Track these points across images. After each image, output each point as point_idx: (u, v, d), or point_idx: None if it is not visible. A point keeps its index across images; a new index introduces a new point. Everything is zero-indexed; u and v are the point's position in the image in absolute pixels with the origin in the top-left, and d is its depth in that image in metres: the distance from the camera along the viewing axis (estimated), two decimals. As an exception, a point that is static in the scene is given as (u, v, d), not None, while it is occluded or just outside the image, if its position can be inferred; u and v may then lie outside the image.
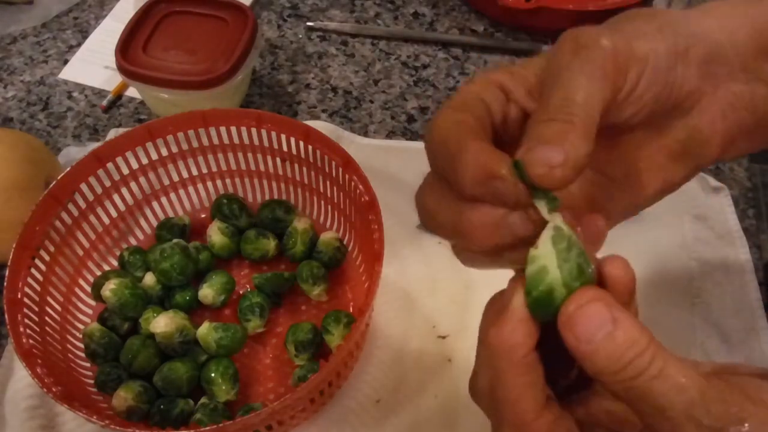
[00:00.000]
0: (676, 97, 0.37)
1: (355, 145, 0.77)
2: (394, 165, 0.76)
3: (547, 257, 0.32)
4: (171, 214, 0.72)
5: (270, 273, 0.66)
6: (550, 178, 0.30)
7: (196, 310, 0.66)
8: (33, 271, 0.59)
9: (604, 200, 0.40)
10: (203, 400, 0.60)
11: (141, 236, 0.71)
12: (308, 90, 0.86)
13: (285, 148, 0.67)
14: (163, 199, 0.71)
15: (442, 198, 0.36)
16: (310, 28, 0.92)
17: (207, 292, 0.64)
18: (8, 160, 0.67)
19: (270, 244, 0.68)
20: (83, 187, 0.64)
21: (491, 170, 0.32)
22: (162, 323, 0.60)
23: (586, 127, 0.31)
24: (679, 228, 0.71)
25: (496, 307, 0.35)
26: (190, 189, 0.72)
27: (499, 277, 0.71)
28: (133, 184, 0.68)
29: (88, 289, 0.66)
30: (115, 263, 0.68)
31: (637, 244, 0.66)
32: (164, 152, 0.67)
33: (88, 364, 0.62)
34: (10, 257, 0.57)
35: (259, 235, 0.67)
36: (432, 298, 0.67)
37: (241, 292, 0.68)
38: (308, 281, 0.65)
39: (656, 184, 0.39)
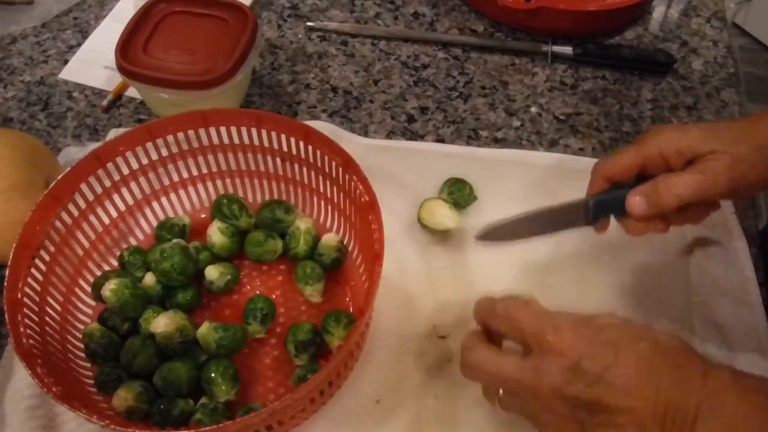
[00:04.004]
0: None
1: (355, 145, 0.77)
2: (394, 165, 0.76)
3: None
4: (171, 214, 0.72)
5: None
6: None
7: (196, 310, 0.66)
8: (33, 271, 0.59)
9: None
10: (203, 400, 0.60)
11: (141, 236, 0.71)
12: (308, 90, 0.86)
13: (285, 148, 0.67)
14: (163, 199, 0.71)
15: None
16: (310, 28, 0.92)
17: (212, 272, 0.65)
18: (8, 160, 0.67)
19: (278, 244, 0.68)
20: (83, 187, 0.64)
21: None
22: (162, 323, 0.60)
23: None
24: (679, 228, 0.71)
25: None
26: (190, 189, 0.72)
27: (499, 277, 0.71)
28: (133, 184, 0.68)
29: (88, 289, 0.66)
30: (115, 263, 0.68)
31: (637, 244, 0.66)
32: (164, 152, 0.67)
33: (88, 364, 0.62)
34: (10, 257, 0.57)
35: (268, 237, 0.67)
36: (432, 298, 0.67)
37: (242, 291, 0.68)
38: (302, 280, 0.66)
39: None
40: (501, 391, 0.51)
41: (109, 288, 0.61)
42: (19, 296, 0.57)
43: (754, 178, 0.55)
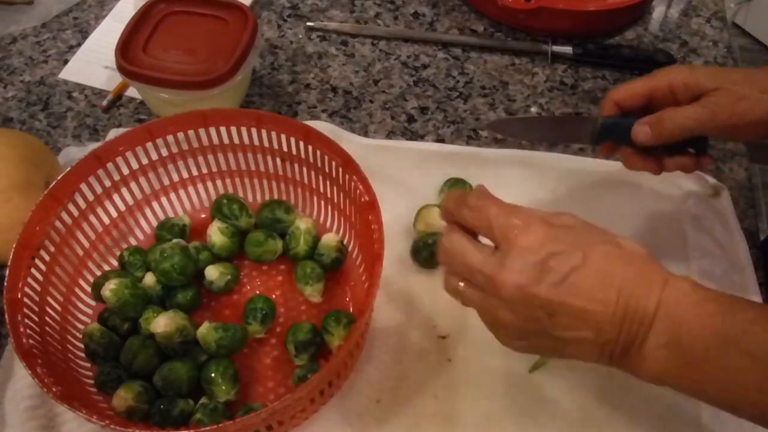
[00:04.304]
0: None
1: (355, 145, 0.77)
2: (394, 165, 0.76)
3: None
4: (171, 214, 0.72)
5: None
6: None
7: (196, 310, 0.66)
8: (33, 271, 0.59)
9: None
10: (203, 400, 0.60)
11: (141, 236, 0.71)
12: (308, 90, 0.86)
13: (285, 148, 0.67)
14: (163, 199, 0.71)
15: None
16: (310, 28, 0.92)
17: (212, 272, 0.65)
18: (8, 160, 0.67)
19: (278, 244, 0.68)
20: (83, 187, 0.64)
21: None
22: (162, 323, 0.60)
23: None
24: (680, 228, 0.71)
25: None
26: (190, 189, 0.72)
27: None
28: (133, 184, 0.68)
29: (88, 289, 0.66)
30: (115, 263, 0.68)
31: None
32: (164, 152, 0.67)
33: (88, 364, 0.62)
34: (10, 257, 0.57)
35: (268, 237, 0.67)
36: (432, 298, 0.67)
37: (242, 291, 0.68)
38: (302, 280, 0.66)
39: None
40: (462, 284, 0.50)
41: (109, 288, 0.61)
42: (19, 296, 0.57)
43: (754, 117, 0.57)
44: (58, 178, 0.62)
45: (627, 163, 0.63)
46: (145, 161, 0.67)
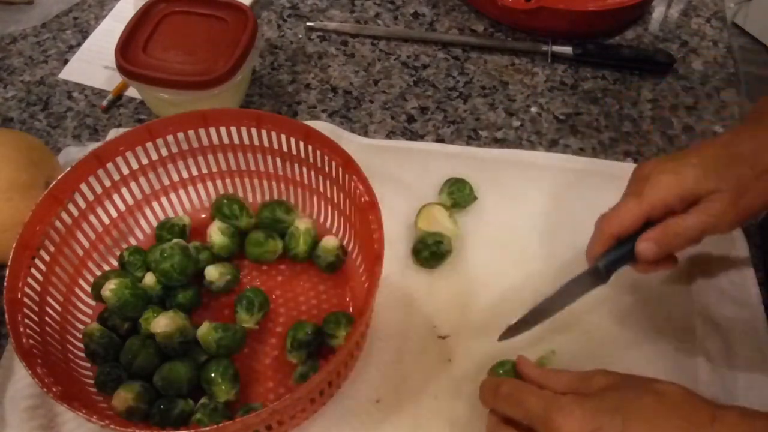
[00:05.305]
0: None
1: (355, 145, 0.77)
2: (394, 165, 0.76)
3: None
4: (171, 214, 0.72)
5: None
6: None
7: (196, 310, 0.66)
8: (33, 271, 0.59)
9: None
10: (203, 400, 0.60)
11: (141, 236, 0.71)
12: (308, 90, 0.86)
13: (285, 148, 0.67)
14: (163, 199, 0.71)
15: None
16: (310, 28, 0.92)
17: (212, 272, 0.65)
18: (8, 160, 0.67)
19: (278, 245, 0.68)
20: (83, 187, 0.64)
21: None
22: (162, 323, 0.60)
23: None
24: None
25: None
26: (190, 189, 0.72)
27: (500, 277, 0.71)
28: (133, 184, 0.68)
29: (88, 289, 0.66)
30: (115, 263, 0.68)
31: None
32: (164, 152, 0.67)
33: (88, 364, 0.62)
34: (10, 257, 0.57)
35: (268, 237, 0.67)
36: (432, 298, 0.67)
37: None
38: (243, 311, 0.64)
39: None
40: None
41: (109, 288, 0.61)
42: (19, 296, 0.57)
43: (759, 206, 0.56)
44: (58, 178, 0.62)
45: (642, 271, 0.59)
46: (145, 161, 0.67)
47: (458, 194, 0.71)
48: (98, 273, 0.67)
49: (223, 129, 0.67)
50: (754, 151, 0.55)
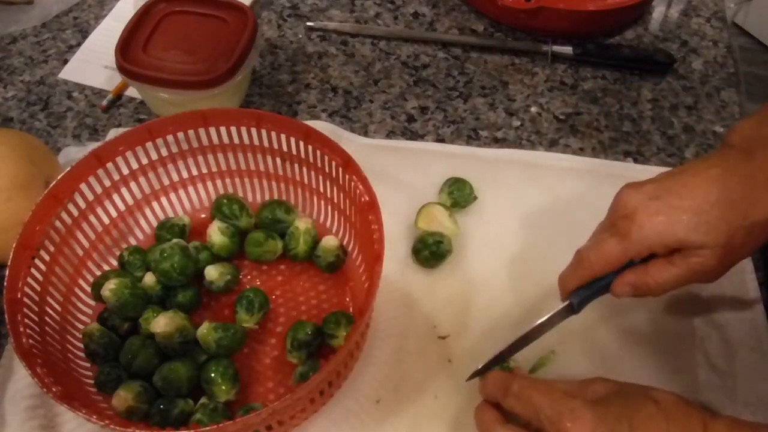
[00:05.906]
0: None
1: (355, 145, 0.77)
2: (394, 165, 0.76)
3: None
4: (171, 214, 0.72)
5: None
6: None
7: (196, 310, 0.66)
8: (33, 271, 0.59)
9: None
10: (203, 400, 0.60)
11: (141, 236, 0.71)
12: (308, 90, 0.86)
13: (285, 148, 0.67)
14: (163, 199, 0.71)
15: None
16: (310, 28, 0.92)
17: (212, 272, 0.65)
18: (8, 160, 0.67)
19: (278, 245, 0.68)
20: (83, 187, 0.64)
21: None
22: (162, 323, 0.60)
23: None
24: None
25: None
26: (190, 189, 0.72)
27: (500, 278, 0.71)
28: (133, 184, 0.68)
29: (88, 289, 0.66)
30: (115, 263, 0.68)
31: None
32: (164, 152, 0.67)
33: (88, 364, 0.62)
34: (10, 257, 0.57)
35: (268, 237, 0.67)
36: (432, 298, 0.67)
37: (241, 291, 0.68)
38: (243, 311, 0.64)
39: None
40: None
41: (109, 288, 0.61)
42: (19, 296, 0.57)
43: (743, 256, 0.55)
44: (58, 178, 0.62)
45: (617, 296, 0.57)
46: (145, 161, 0.67)
47: (458, 194, 0.71)
48: (98, 273, 0.67)
49: (223, 129, 0.67)
50: (747, 198, 0.52)
